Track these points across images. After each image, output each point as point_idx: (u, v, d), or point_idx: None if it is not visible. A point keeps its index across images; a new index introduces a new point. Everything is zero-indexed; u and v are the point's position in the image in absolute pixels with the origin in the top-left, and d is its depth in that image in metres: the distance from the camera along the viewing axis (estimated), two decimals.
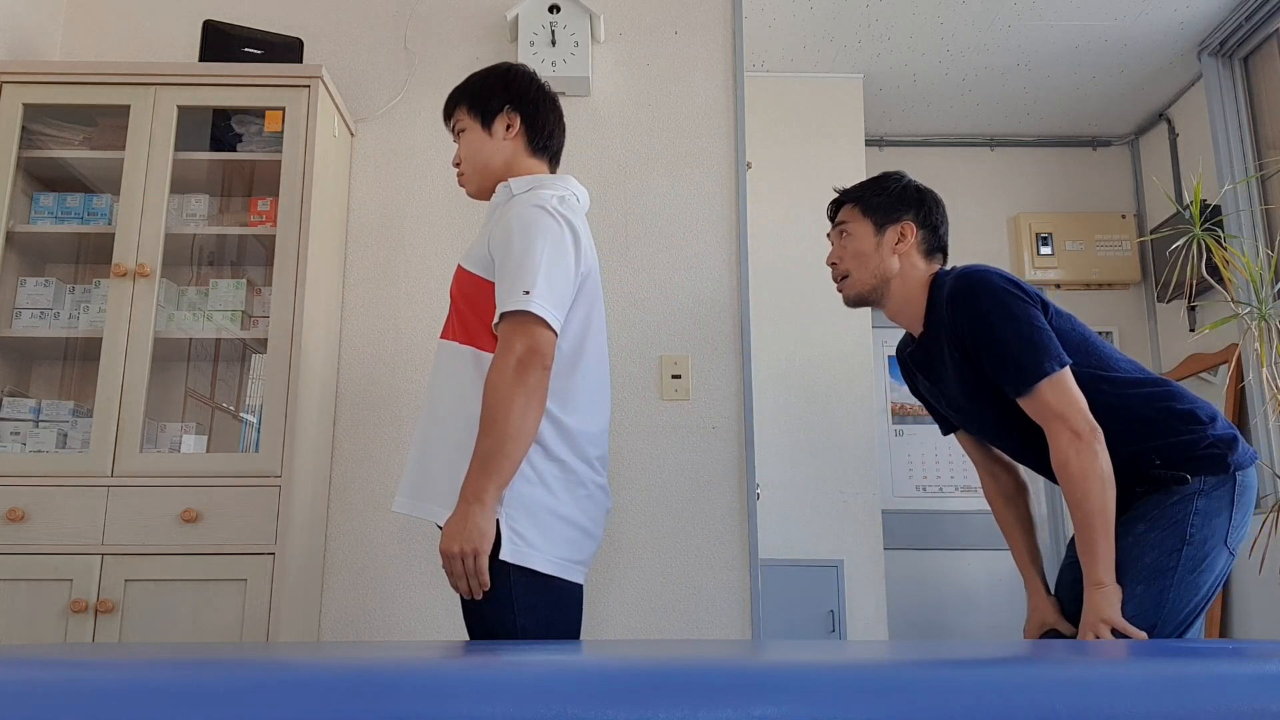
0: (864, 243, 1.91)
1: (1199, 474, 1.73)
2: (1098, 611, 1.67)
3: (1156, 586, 1.69)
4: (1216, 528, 1.72)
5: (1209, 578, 1.72)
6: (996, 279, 1.78)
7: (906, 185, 1.95)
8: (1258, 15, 3.55)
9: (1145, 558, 1.71)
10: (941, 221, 1.95)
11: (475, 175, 1.89)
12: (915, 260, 1.90)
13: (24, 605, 2.12)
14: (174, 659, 0.88)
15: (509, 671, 0.81)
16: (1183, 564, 1.70)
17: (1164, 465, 1.76)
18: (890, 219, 1.91)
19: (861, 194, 1.96)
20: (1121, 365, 1.82)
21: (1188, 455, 1.75)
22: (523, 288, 1.65)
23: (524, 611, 1.64)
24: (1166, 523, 1.73)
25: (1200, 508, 1.72)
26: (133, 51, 2.80)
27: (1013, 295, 1.76)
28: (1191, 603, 1.71)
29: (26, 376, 2.56)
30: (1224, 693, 0.82)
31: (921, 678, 0.83)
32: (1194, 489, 1.73)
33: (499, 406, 1.61)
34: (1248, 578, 3.57)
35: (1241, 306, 3.23)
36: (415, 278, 2.67)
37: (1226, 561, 1.74)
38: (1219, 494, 1.73)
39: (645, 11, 2.84)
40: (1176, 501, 1.73)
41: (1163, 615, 1.68)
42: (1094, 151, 4.61)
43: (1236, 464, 1.74)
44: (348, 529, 2.52)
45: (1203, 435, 1.75)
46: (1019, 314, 1.74)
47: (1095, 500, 1.68)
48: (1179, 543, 1.71)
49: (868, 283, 1.91)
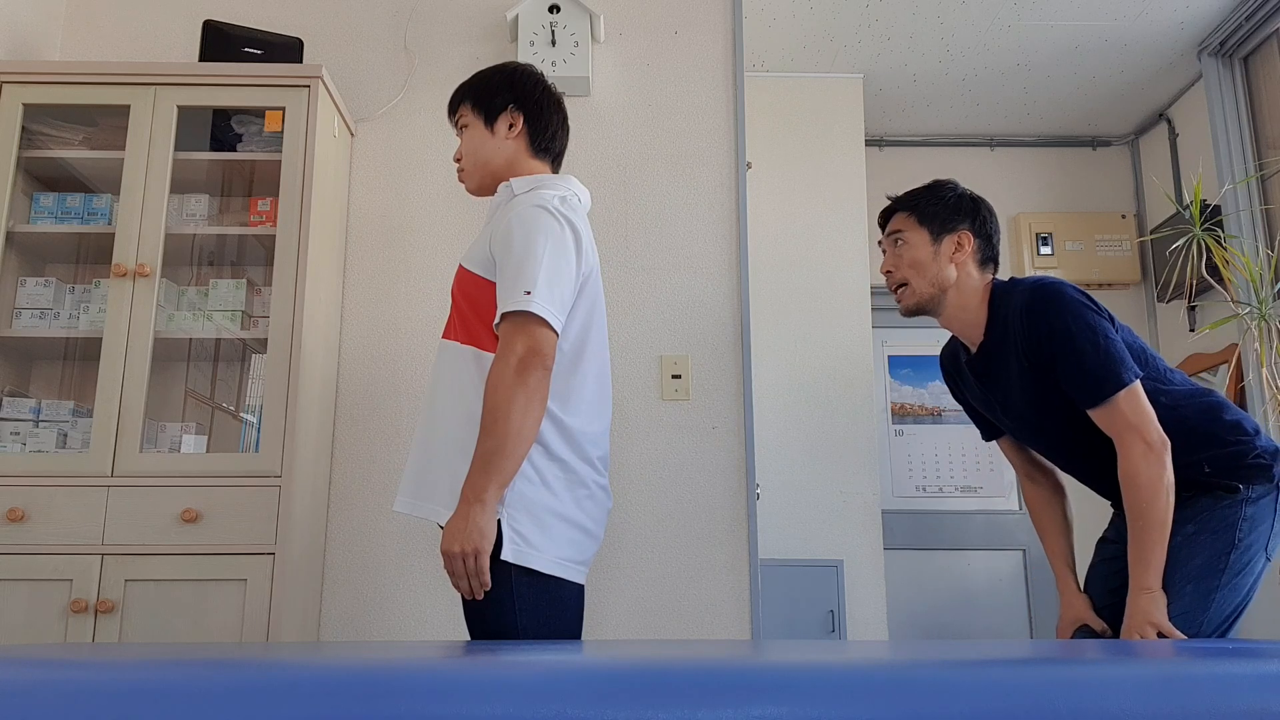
0: (921, 252, 1.91)
1: (1248, 482, 1.78)
2: (1146, 615, 1.70)
3: (1205, 586, 1.73)
4: (1261, 534, 1.77)
5: (1249, 580, 1.77)
6: (1070, 291, 1.81)
7: (962, 194, 1.95)
8: (1258, 15, 3.54)
9: (1196, 559, 1.75)
10: (995, 231, 1.96)
11: (475, 172, 1.90)
12: (971, 270, 1.91)
13: (24, 605, 2.12)
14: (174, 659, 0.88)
15: (509, 671, 0.81)
16: (1230, 567, 1.74)
17: (1214, 473, 1.79)
18: (947, 228, 1.91)
19: (916, 202, 1.95)
20: (1174, 377, 1.86)
21: (1236, 465, 1.79)
22: (524, 288, 1.65)
23: (525, 611, 1.64)
24: (1217, 525, 1.76)
25: (1249, 514, 1.76)
26: (132, 51, 2.80)
27: (1088, 308, 1.79)
28: (1233, 604, 1.76)
29: (26, 376, 2.56)
30: (1224, 693, 0.82)
31: (921, 678, 0.83)
32: (1243, 496, 1.77)
33: (500, 406, 1.61)
34: None
35: (1241, 306, 3.23)
36: (415, 278, 2.67)
37: (1264, 567, 1.79)
38: (1265, 502, 1.78)
39: (645, 11, 2.84)
40: (1226, 506, 1.77)
41: (1208, 615, 1.73)
42: (1094, 151, 4.61)
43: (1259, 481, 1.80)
44: (348, 529, 2.52)
45: (1251, 446, 1.80)
46: (1095, 326, 1.76)
47: (1160, 511, 1.71)
48: (1228, 546, 1.75)
49: (926, 292, 1.91)
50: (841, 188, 3.92)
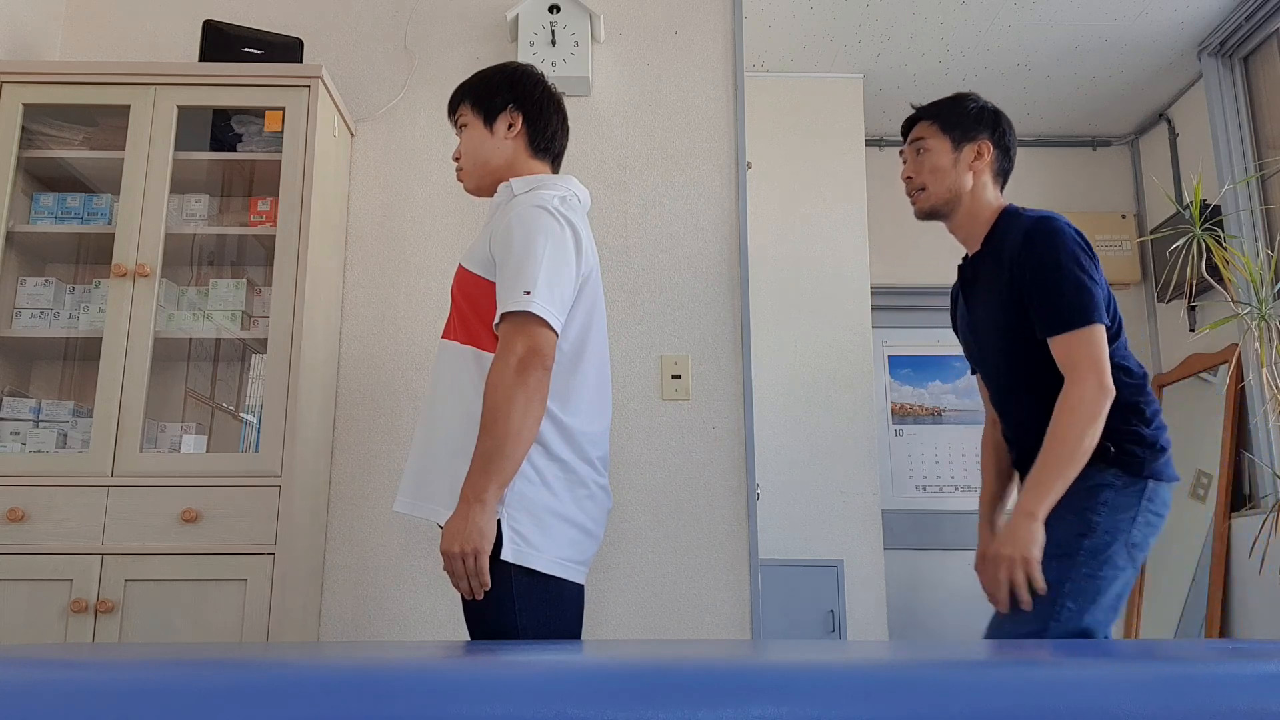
0: (942, 158, 1.96)
1: (1117, 466, 1.78)
2: (1023, 544, 1.72)
3: (1062, 566, 1.73)
4: (1120, 524, 1.76)
5: (1110, 574, 1.74)
6: (1071, 230, 1.85)
7: (984, 106, 2.00)
8: (1258, 15, 3.54)
9: (1055, 532, 1.75)
10: (1012, 144, 2.01)
11: (474, 171, 1.90)
12: (986, 180, 1.97)
13: (24, 605, 2.12)
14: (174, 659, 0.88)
15: (509, 671, 0.81)
16: (1085, 550, 1.74)
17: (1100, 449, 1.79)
18: (968, 136, 1.96)
19: (940, 111, 2.00)
20: (1129, 353, 1.89)
21: (1118, 442, 1.79)
22: (524, 288, 1.65)
23: (525, 611, 1.64)
24: (1076, 504, 1.77)
25: (1108, 500, 1.76)
26: (133, 51, 2.80)
27: (1083, 250, 1.83)
28: (1090, 593, 1.72)
29: (26, 376, 2.56)
30: (1224, 693, 0.82)
31: (921, 678, 0.83)
32: (1107, 481, 1.77)
33: (500, 406, 1.61)
34: (1248, 578, 3.57)
35: (1241, 306, 3.23)
36: (415, 278, 2.67)
37: (1128, 570, 1.76)
38: (1130, 493, 1.77)
39: (645, 11, 2.84)
40: (1089, 488, 1.77)
41: (1063, 592, 1.72)
42: (1094, 151, 4.61)
43: (1153, 472, 1.78)
44: (348, 529, 2.52)
45: (1140, 434, 1.80)
46: (1086, 267, 1.80)
47: (1083, 446, 1.73)
48: (1084, 529, 1.75)
49: (943, 196, 1.96)
50: (841, 188, 3.92)
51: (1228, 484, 3.72)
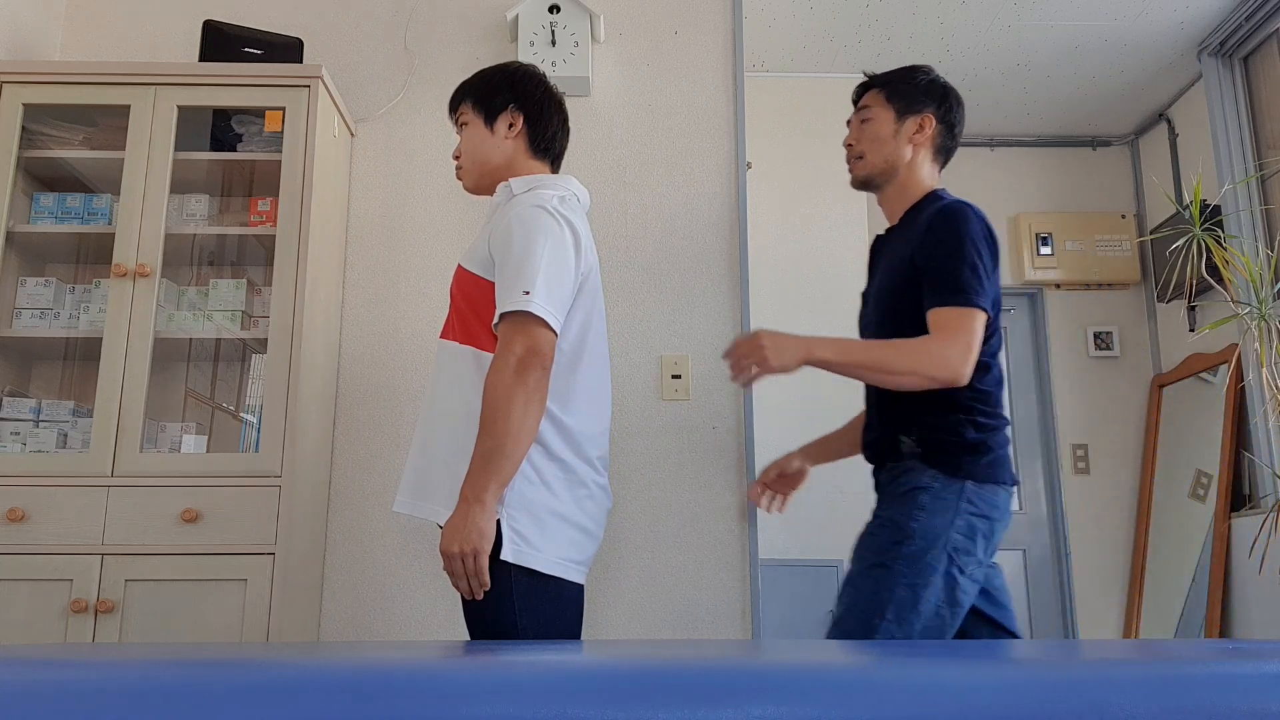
0: (884, 128, 1.95)
1: (935, 467, 1.75)
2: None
3: (877, 576, 1.71)
4: (938, 528, 1.71)
5: (930, 583, 1.69)
6: (981, 220, 1.83)
7: (934, 80, 1.98)
8: (1258, 15, 3.54)
9: (873, 540, 1.75)
10: (958, 122, 1.99)
11: (473, 170, 1.90)
12: (925, 156, 1.95)
13: (24, 605, 2.12)
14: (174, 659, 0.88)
15: (509, 671, 0.81)
16: (903, 559, 1.71)
17: (921, 437, 1.78)
18: (912, 109, 1.95)
19: (889, 81, 1.99)
20: (997, 364, 1.86)
21: (929, 437, 1.77)
22: (523, 288, 1.65)
23: (524, 611, 1.64)
24: (894, 510, 1.76)
25: (925, 503, 1.73)
26: (133, 51, 2.80)
27: (988, 242, 1.81)
28: (910, 603, 1.69)
29: (26, 376, 2.56)
30: (1224, 693, 0.82)
31: (921, 678, 0.83)
32: (924, 484, 1.74)
33: (499, 406, 1.61)
34: (1248, 578, 3.57)
35: (1241, 306, 3.23)
36: (415, 278, 2.67)
37: (956, 578, 1.71)
38: (947, 495, 1.73)
39: (645, 11, 2.84)
40: (907, 492, 1.76)
41: (881, 605, 1.69)
42: (1094, 151, 4.61)
43: (969, 473, 1.74)
44: (348, 529, 2.52)
45: (960, 433, 1.77)
46: (984, 257, 1.79)
47: (900, 368, 1.73)
48: (901, 535, 1.72)
49: (879, 166, 1.95)
50: (841, 188, 3.89)
51: (1228, 484, 3.72)
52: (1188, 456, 3.99)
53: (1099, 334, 4.39)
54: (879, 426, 1.87)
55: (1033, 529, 4.26)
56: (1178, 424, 4.11)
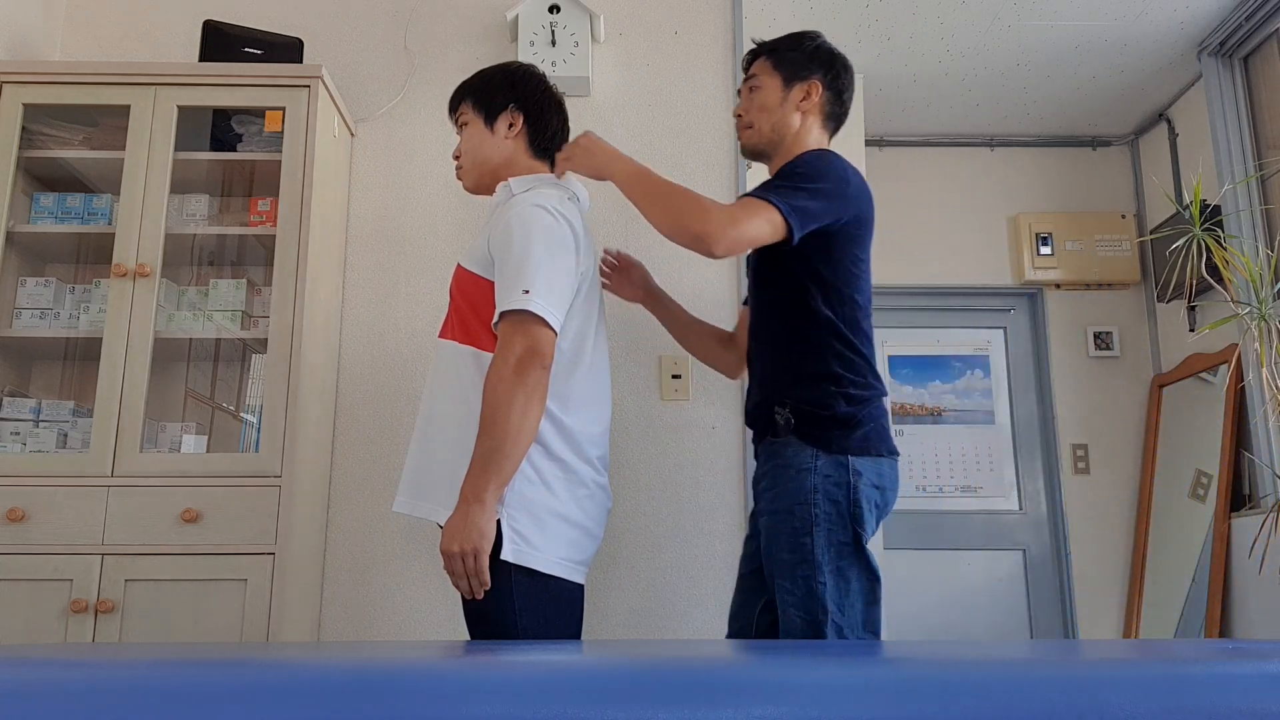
0: (771, 96, 1.93)
1: (814, 445, 1.73)
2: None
3: (805, 572, 1.70)
4: (838, 510, 1.71)
5: (852, 560, 1.71)
6: (837, 160, 1.83)
7: (820, 45, 1.97)
8: (1258, 15, 3.54)
9: (780, 538, 1.72)
10: (847, 88, 1.98)
11: (473, 170, 1.90)
12: (813, 123, 1.93)
13: (24, 605, 2.12)
14: (174, 659, 0.88)
15: (509, 671, 0.81)
16: (818, 548, 1.70)
17: (794, 409, 1.76)
18: (799, 75, 1.93)
19: (776, 48, 1.97)
20: (863, 327, 1.83)
21: (812, 412, 1.75)
22: (522, 287, 1.65)
23: (525, 611, 1.64)
24: (789, 502, 1.73)
25: (816, 484, 1.72)
26: (133, 51, 2.80)
27: (843, 175, 1.80)
28: (843, 589, 1.70)
29: (26, 376, 2.56)
30: (1224, 693, 0.82)
31: (921, 678, 0.83)
32: (808, 464, 1.73)
33: (499, 406, 1.61)
34: (1248, 578, 3.57)
35: (1241, 306, 3.23)
36: (415, 278, 2.67)
37: (866, 551, 1.73)
38: (835, 473, 1.72)
39: (645, 11, 2.84)
40: (794, 476, 1.73)
41: (821, 601, 1.68)
42: (1094, 151, 4.60)
43: (847, 447, 1.73)
44: (348, 529, 2.52)
45: (830, 405, 1.74)
46: (829, 182, 1.77)
47: (672, 206, 1.76)
48: (805, 525, 1.71)
49: (766, 135, 1.93)
50: None
51: (1228, 484, 3.72)
52: (1188, 456, 3.99)
53: (1099, 334, 4.39)
54: (757, 394, 1.86)
55: (1033, 529, 4.26)
56: (1178, 424, 4.11)
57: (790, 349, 1.80)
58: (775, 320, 1.84)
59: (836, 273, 1.79)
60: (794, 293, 1.80)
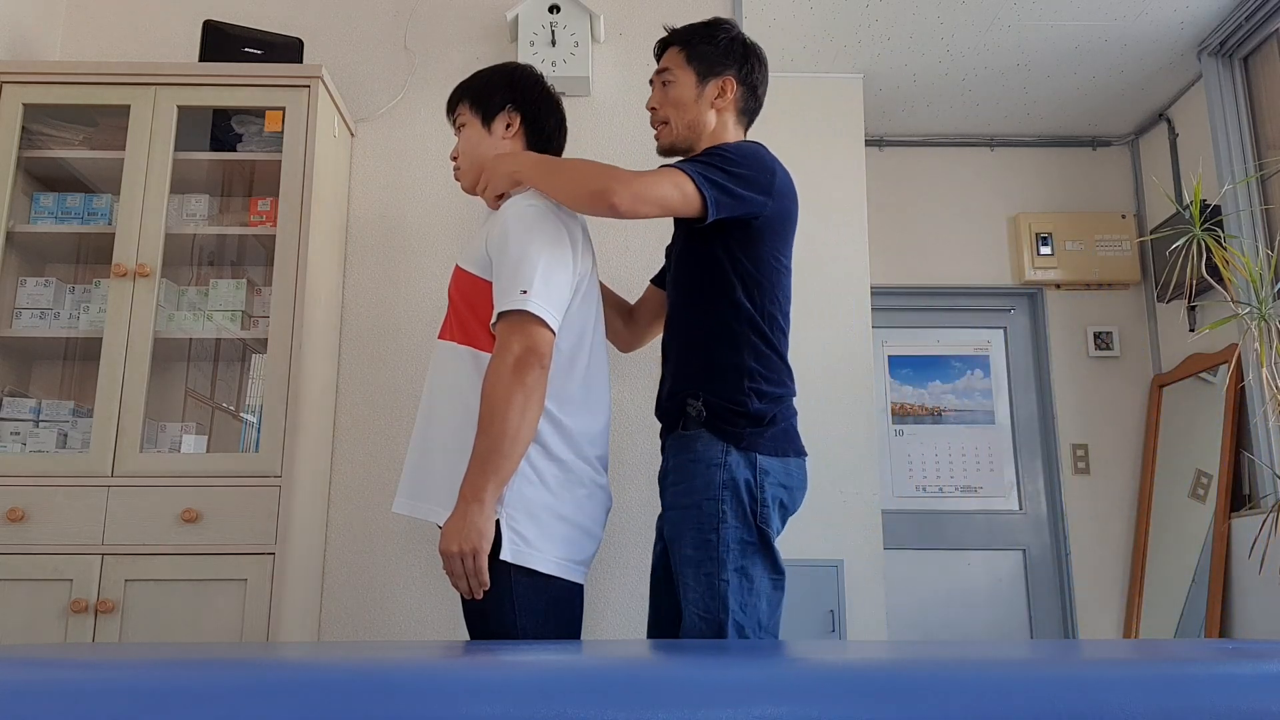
0: (685, 92, 1.91)
1: (724, 440, 1.72)
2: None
3: (703, 575, 1.69)
4: (745, 507, 1.70)
5: (756, 559, 1.69)
6: (764, 152, 1.84)
7: (735, 38, 1.94)
8: (1258, 15, 3.54)
9: (686, 535, 1.71)
10: (761, 83, 1.97)
11: (471, 171, 1.90)
12: (729, 119, 1.93)
13: (24, 605, 2.12)
14: (174, 659, 0.88)
15: (509, 671, 0.81)
16: (722, 545, 1.69)
17: (707, 402, 1.75)
18: (714, 72, 1.91)
19: (689, 40, 1.94)
20: (780, 322, 1.83)
21: (724, 407, 1.73)
22: (520, 287, 1.65)
23: (524, 611, 1.64)
24: (698, 498, 1.71)
25: (724, 480, 1.71)
26: (133, 51, 2.80)
27: (766, 165, 1.81)
28: (747, 588, 1.68)
29: (26, 376, 2.56)
30: (1224, 693, 0.82)
31: (921, 678, 0.83)
32: (718, 460, 1.71)
33: (497, 406, 1.61)
34: (1248, 578, 3.57)
35: (1241, 306, 3.23)
36: (415, 278, 2.67)
37: (774, 549, 1.71)
38: (744, 470, 1.71)
39: (645, 11, 2.84)
40: (703, 471, 1.72)
41: (725, 600, 1.66)
42: (1094, 151, 4.60)
43: (757, 445, 1.72)
44: (348, 529, 2.52)
45: (746, 406, 1.73)
46: (749, 171, 1.78)
47: (580, 174, 1.75)
48: (712, 522, 1.70)
49: (682, 133, 1.92)
50: (841, 188, 3.91)
51: (1228, 484, 3.72)
52: (1188, 456, 3.99)
53: (1099, 334, 4.39)
54: (670, 383, 1.85)
55: (1033, 529, 4.27)
56: (1178, 424, 4.11)
57: (707, 341, 1.79)
58: (694, 311, 1.82)
59: (760, 268, 1.78)
60: (715, 284, 1.79)
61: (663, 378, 1.91)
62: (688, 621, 1.70)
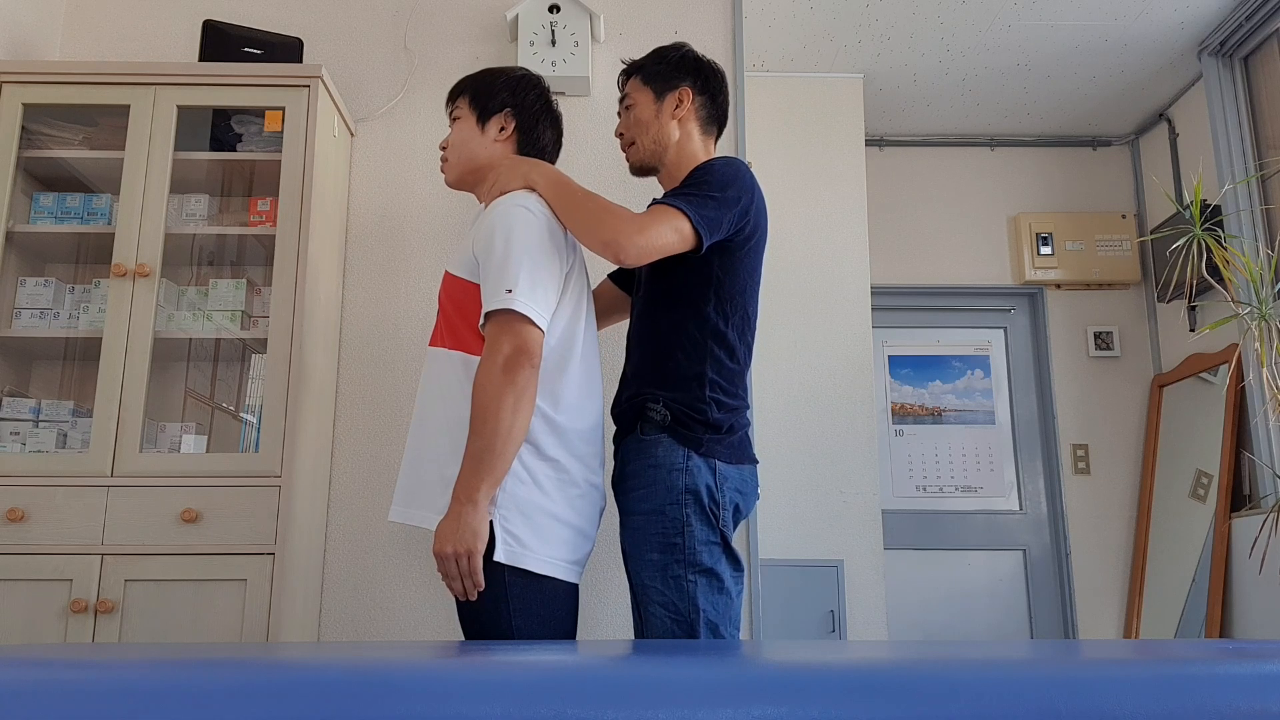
0: (645, 111, 1.95)
1: (685, 445, 1.75)
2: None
3: (671, 578, 1.71)
4: (705, 512, 1.73)
5: (720, 560, 1.73)
6: (745, 170, 1.85)
7: (686, 54, 1.98)
8: (1258, 15, 3.54)
9: (650, 540, 1.73)
10: (720, 90, 1.99)
11: (457, 165, 1.91)
12: (693, 130, 1.95)
13: (24, 605, 2.12)
14: (174, 659, 0.88)
15: (508, 671, 0.81)
16: (688, 549, 1.71)
17: (668, 406, 1.77)
18: (669, 86, 1.95)
19: (642, 66, 1.99)
20: (744, 331, 1.86)
21: (686, 414, 1.76)
22: (506, 286, 1.65)
23: (519, 612, 1.64)
24: (659, 503, 1.74)
25: (685, 484, 1.74)
26: (133, 51, 2.80)
27: (748, 186, 1.82)
28: (715, 587, 1.71)
29: (26, 376, 2.56)
30: (1224, 693, 0.82)
31: (921, 678, 0.83)
32: (679, 464, 1.74)
33: (488, 407, 1.60)
34: (1248, 578, 3.57)
35: (1241, 306, 3.23)
36: (415, 278, 2.67)
37: (734, 551, 1.75)
38: (704, 475, 1.75)
39: (645, 11, 2.84)
40: (665, 475, 1.74)
41: (694, 601, 1.69)
42: (1094, 151, 4.60)
43: (715, 452, 1.76)
44: (348, 529, 2.52)
45: (707, 414, 1.77)
46: (732, 193, 1.79)
47: (587, 221, 1.76)
48: (676, 526, 1.72)
49: (649, 149, 1.95)
50: (841, 188, 3.92)
51: (1228, 484, 3.72)
52: (1188, 456, 3.99)
53: (1099, 334, 4.39)
54: (632, 386, 1.87)
55: (1033, 529, 4.27)
56: (1178, 424, 4.11)
57: (673, 348, 1.81)
58: (663, 317, 1.85)
59: (734, 282, 1.83)
60: (689, 294, 1.82)
61: (624, 378, 1.93)
62: (654, 620, 1.72)
